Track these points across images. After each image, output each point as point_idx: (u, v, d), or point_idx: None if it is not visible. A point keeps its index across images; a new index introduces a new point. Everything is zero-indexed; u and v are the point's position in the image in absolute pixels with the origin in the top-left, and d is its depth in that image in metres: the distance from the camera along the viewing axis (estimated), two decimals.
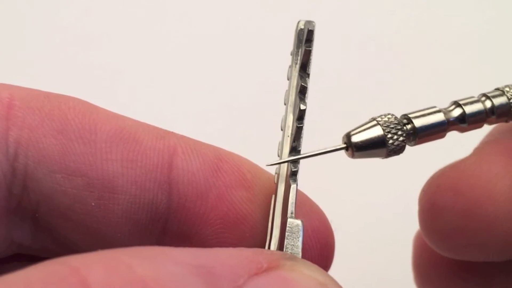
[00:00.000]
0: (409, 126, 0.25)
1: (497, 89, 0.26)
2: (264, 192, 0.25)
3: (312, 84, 0.24)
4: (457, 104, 0.26)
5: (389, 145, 0.24)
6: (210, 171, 0.24)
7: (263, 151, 0.27)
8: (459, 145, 0.28)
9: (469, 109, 0.25)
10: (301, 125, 0.23)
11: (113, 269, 0.17)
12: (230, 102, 0.51)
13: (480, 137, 0.28)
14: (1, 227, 0.24)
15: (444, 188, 0.26)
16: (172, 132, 0.25)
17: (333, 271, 0.25)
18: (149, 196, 0.24)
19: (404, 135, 0.24)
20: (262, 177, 0.25)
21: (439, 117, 0.25)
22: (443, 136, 0.25)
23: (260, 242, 0.24)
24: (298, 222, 0.22)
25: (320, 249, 0.25)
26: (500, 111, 0.26)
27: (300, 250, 0.22)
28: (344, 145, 0.24)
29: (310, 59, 0.24)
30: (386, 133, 0.24)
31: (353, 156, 0.24)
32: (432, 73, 0.51)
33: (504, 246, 0.25)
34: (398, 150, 0.24)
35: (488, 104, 0.26)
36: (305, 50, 0.23)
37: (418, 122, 0.25)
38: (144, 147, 0.24)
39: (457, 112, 0.25)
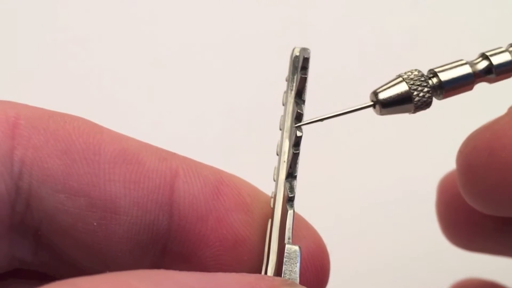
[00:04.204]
0: (435, 80, 0.25)
1: None
2: (263, 215, 0.25)
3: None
4: (484, 56, 0.26)
5: (416, 99, 0.25)
6: (211, 194, 0.25)
7: (260, 172, 0.27)
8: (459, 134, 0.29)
9: (496, 59, 0.26)
10: (297, 152, 0.24)
11: None
12: (227, 119, 0.52)
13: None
14: (4, 244, 0.24)
15: (479, 148, 0.26)
16: (175, 153, 0.26)
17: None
18: (151, 217, 0.24)
19: (429, 89, 0.25)
20: (261, 201, 0.25)
21: (465, 69, 0.25)
22: (471, 89, 0.26)
23: (258, 265, 0.25)
24: (296, 248, 0.23)
25: (315, 272, 0.26)
26: None
27: (298, 275, 0.23)
28: (371, 103, 0.25)
29: (306, 86, 0.24)
30: (411, 88, 0.25)
31: (380, 112, 0.25)
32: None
33: None
34: (425, 104, 0.25)
35: None
36: (301, 77, 0.24)
37: (443, 76, 0.25)
38: (146, 169, 0.24)
39: (483, 64, 0.26)
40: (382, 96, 0.24)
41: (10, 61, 0.53)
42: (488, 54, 0.26)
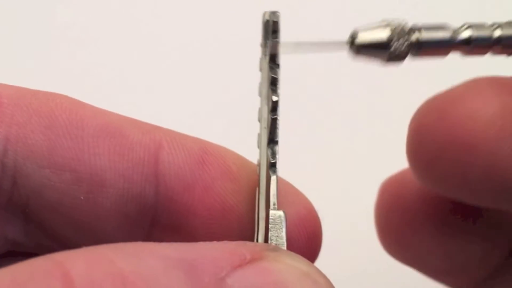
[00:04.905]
0: (415, 36, 0.25)
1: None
2: (250, 183, 0.25)
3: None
4: (467, 26, 0.25)
5: (392, 49, 0.24)
6: (196, 164, 0.25)
7: (246, 141, 0.27)
8: None
9: (476, 33, 0.25)
10: (275, 117, 0.24)
11: (95, 262, 0.18)
12: (213, 95, 0.52)
13: None
14: None
15: (430, 110, 0.26)
16: (158, 126, 0.25)
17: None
18: (137, 189, 0.24)
19: (408, 43, 0.24)
20: (248, 169, 0.25)
21: (446, 34, 0.25)
22: (446, 54, 0.25)
23: (249, 234, 0.25)
24: (280, 213, 0.23)
25: (307, 238, 0.25)
26: (505, 42, 0.25)
27: (284, 240, 0.23)
28: (349, 40, 0.24)
29: (279, 50, 0.24)
30: (391, 37, 0.24)
31: (356, 53, 0.24)
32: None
33: (483, 180, 0.25)
34: (399, 57, 0.24)
35: (497, 33, 0.25)
36: (273, 41, 0.24)
37: (424, 34, 0.25)
38: (130, 141, 0.24)
39: (465, 34, 0.25)
40: (360, 37, 0.24)
41: (9, 60, 0.53)
42: (472, 25, 0.25)
